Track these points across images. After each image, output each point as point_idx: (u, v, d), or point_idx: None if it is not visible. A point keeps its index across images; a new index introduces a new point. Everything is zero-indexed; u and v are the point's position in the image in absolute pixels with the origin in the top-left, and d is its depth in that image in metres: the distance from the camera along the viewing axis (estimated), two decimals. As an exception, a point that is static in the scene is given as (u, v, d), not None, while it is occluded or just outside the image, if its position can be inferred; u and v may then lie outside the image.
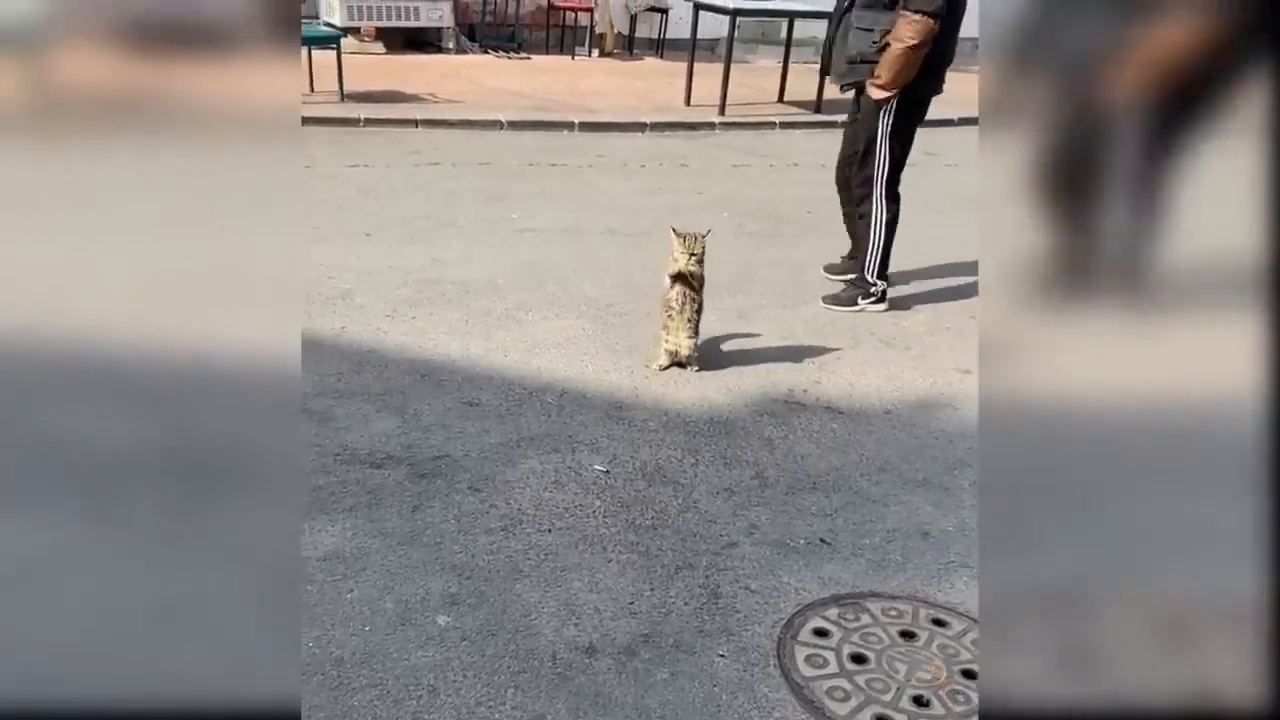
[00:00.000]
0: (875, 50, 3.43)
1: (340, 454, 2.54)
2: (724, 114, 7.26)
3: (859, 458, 2.74)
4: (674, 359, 3.18)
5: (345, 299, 3.55)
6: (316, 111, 6.35)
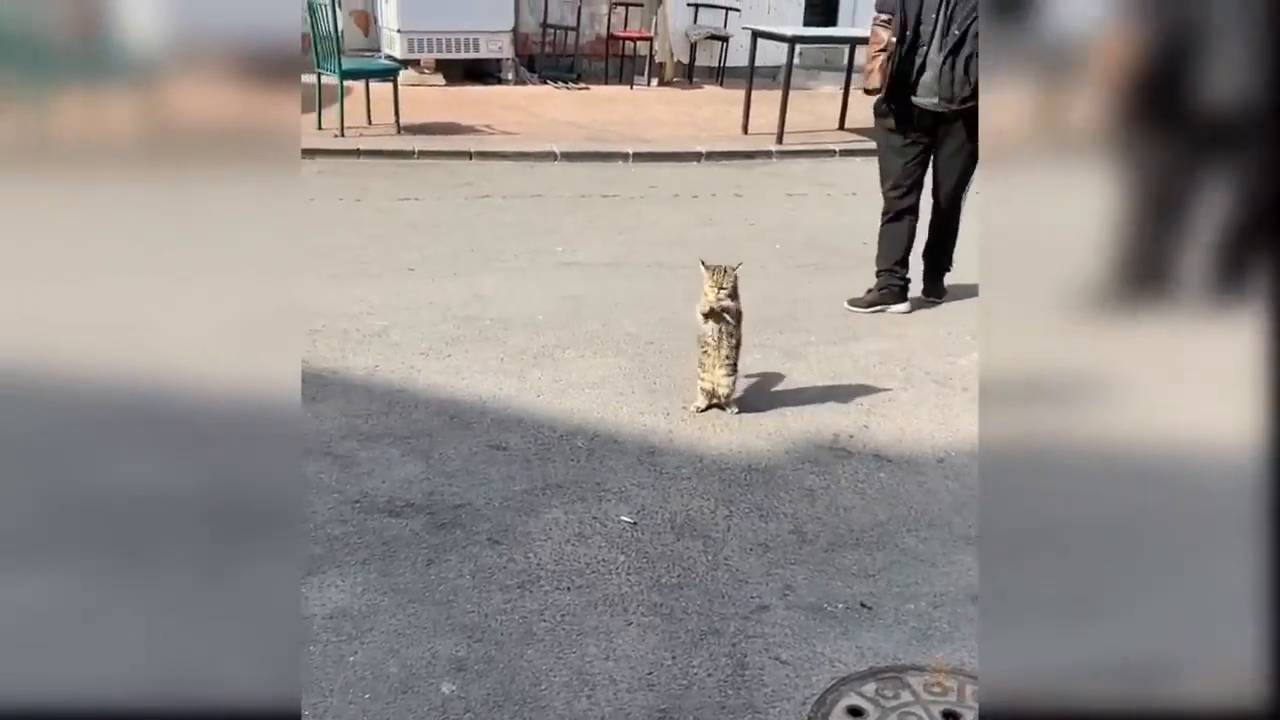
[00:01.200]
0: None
1: (360, 501, 2.46)
2: (781, 142, 7.12)
3: (907, 511, 2.55)
4: (712, 400, 3.05)
5: (381, 336, 3.50)
6: (373, 144, 6.41)
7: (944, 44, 3.66)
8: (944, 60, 3.66)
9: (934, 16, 3.66)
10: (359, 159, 6.21)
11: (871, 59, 3.82)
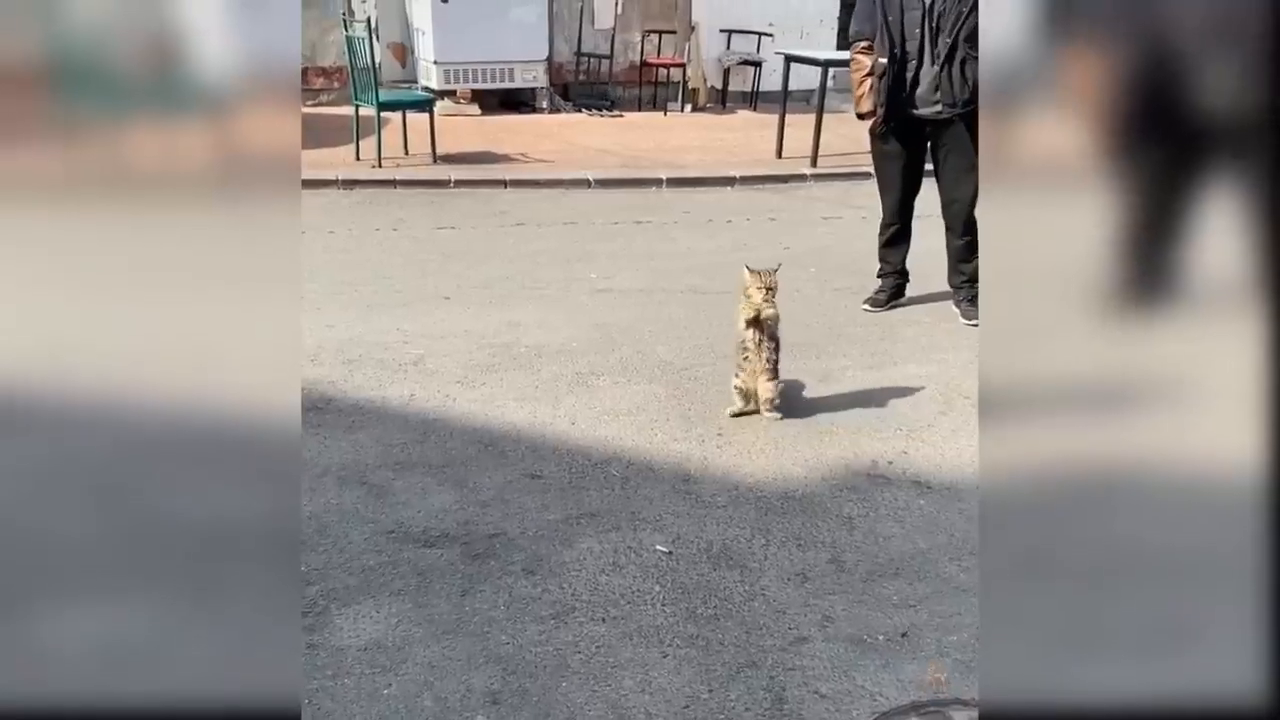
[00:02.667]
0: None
1: (394, 531, 2.46)
2: (816, 165, 7.10)
3: (948, 539, 2.50)
4: (748, 404, 3.14)
5: (418, 364, 3.53)
6: (409, 174, 6.50)
7: (935, 55, 3.81)
8: (940, 69, 3.80)
9: (918, 32, 3.80)
10: (395, 189, 6.30)
11: (859, 85, 4.01)
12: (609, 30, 9.28)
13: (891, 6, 3.82)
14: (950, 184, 4.07)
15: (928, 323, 4.13)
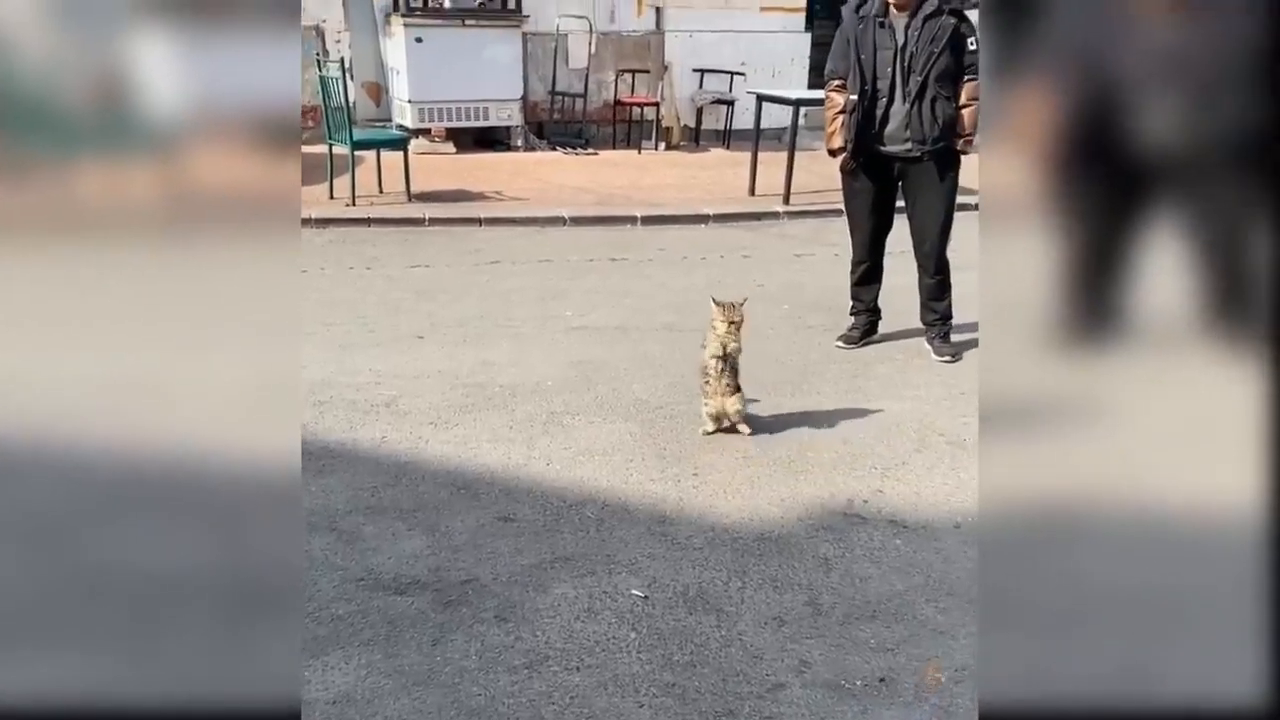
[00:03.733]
0: (955, 114, 3.87)
1: (364, 579, 2.42)
2: (788, 203, 7.17)
3: (924, 580, 2.48)
4: (719, 423, 3.27)
5: (390, 405, 3.49)
6: (383, 213, 6.48)
7: (906, 93, 3.86)
8: (910, 107, 3.86)
9: (890, 71, 3.86)
10: (369, 227, 6.28)
11: (831, 122, 4.06)
12: (583, 69, 9.36)
13: (864, 45, 3.87)
14: (921, 223, 4.11)
15: (901, 360, 4.15)
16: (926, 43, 3.78)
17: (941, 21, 3.77)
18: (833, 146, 4.08)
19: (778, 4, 10.07)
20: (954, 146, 3.94)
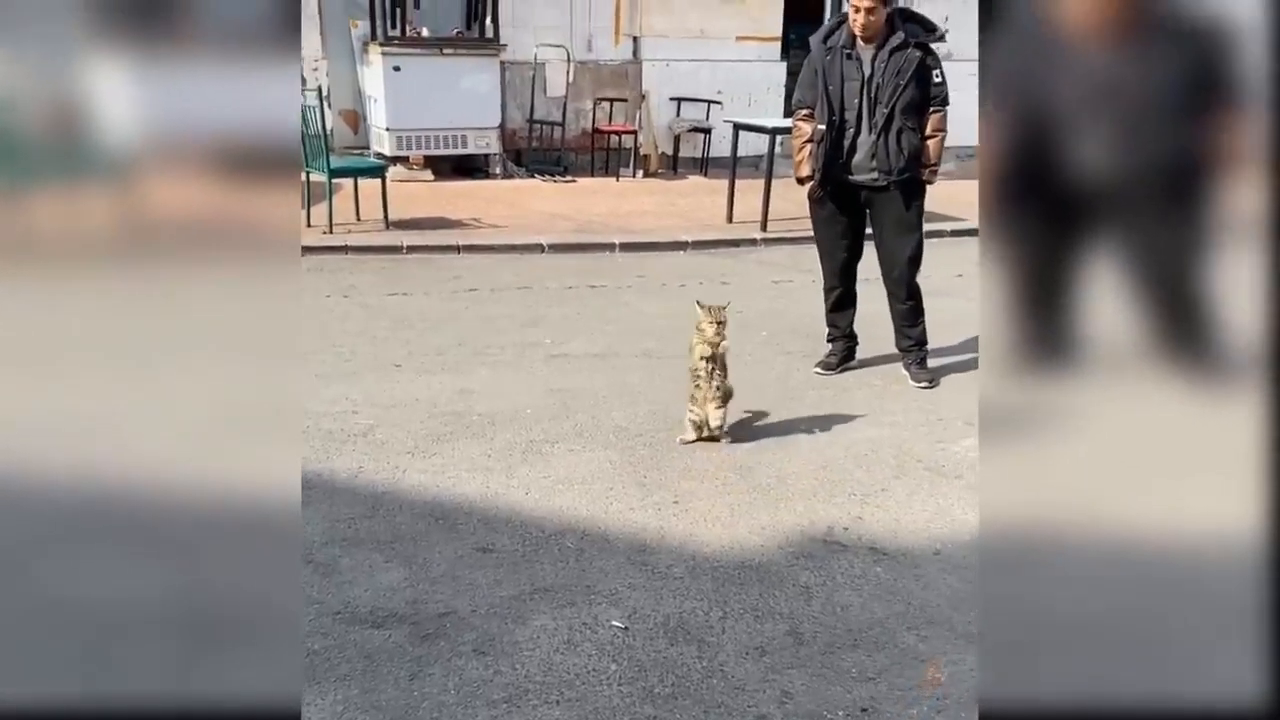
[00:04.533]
0: (920, 144, 3.95)
1: (341, 612, 2.38)
2: (766, 230, 7.22)
3: (905, 608, 2.48)
4: (700, 432, 3.40)
5: (366, 435, 3.46)
6: (361, 240, 6.46)
7: (873, 124, 3.92)
8: (877, 138, 3.91)
9: (857, 102, 3.92)
10: (347, 255, 6.25)
11: (799, 150, 4.12)
12: (561, 98, 9.42)
13: (832, 76, 3.92)
14: (889, 251, 4.17)
15: (879, 385, 4.18)
16: (892, 75, 3.85)
17: (908, 54, 3.84)
18: (801, 175, 4.14)
19: (753, 33, 10.19)
20: (919, 176, 4.01)
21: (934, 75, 3.90)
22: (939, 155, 3.99)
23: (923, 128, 3.94)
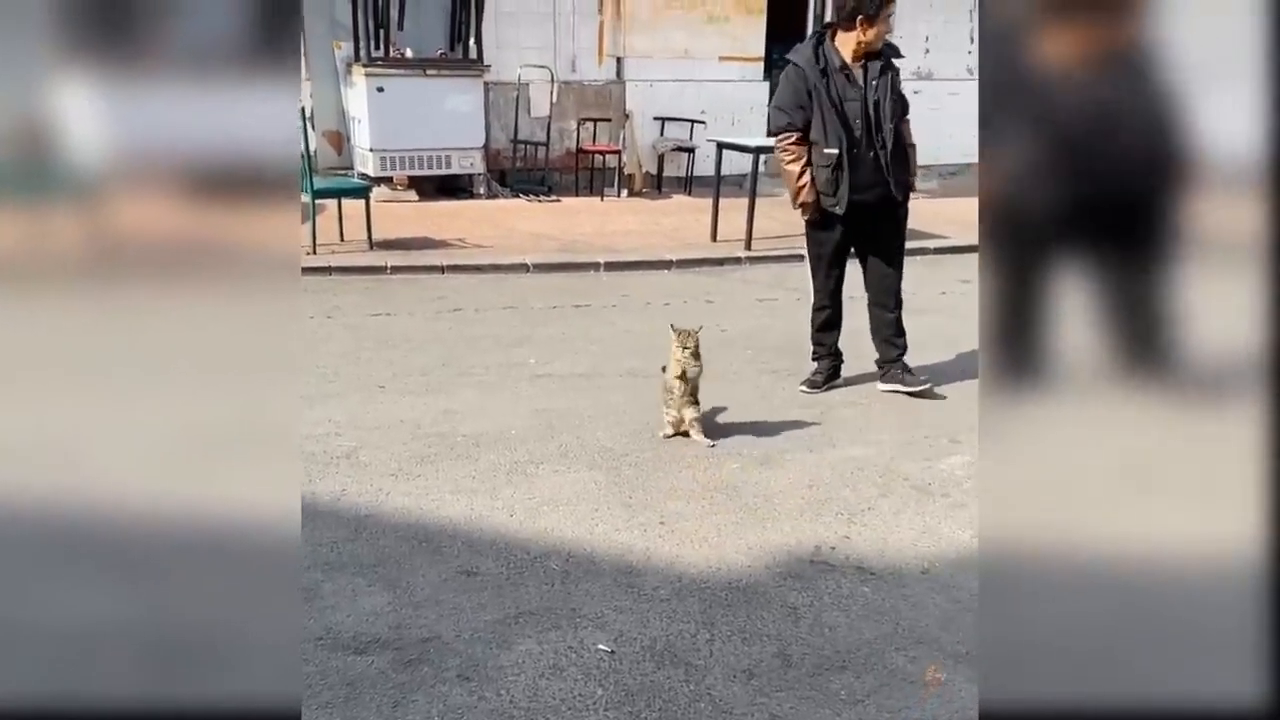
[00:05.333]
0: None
1: (323, 638, 2.34)
2: (750, 248, 7.24)
3: (894, 628, 2.46)
4: (677, 428, 3.64)
5: (350, 457, 3.42)
6: (345, 261, 6.44)
7: (878, 142, 3.94)
8: (889, 157, 3.95)
9: (859, 122, 3.93)
10: (330, 276, 6.22)
11: (799, 177, 4.03)
12: (545, 118, 9.44)
13: (832, 98, 3.89)
14: (881, 263, 4.21)
15: (864, 404, 4.17)
16: (888, 93, 3.90)
17: (894, 72, 3.95)
18: (805, 200, 4.05)
19: (736, 54, 10.27)
20: (913, 188, 4.16)
21: (902, 88, 4.05)
22: (915, 164, 4.16)
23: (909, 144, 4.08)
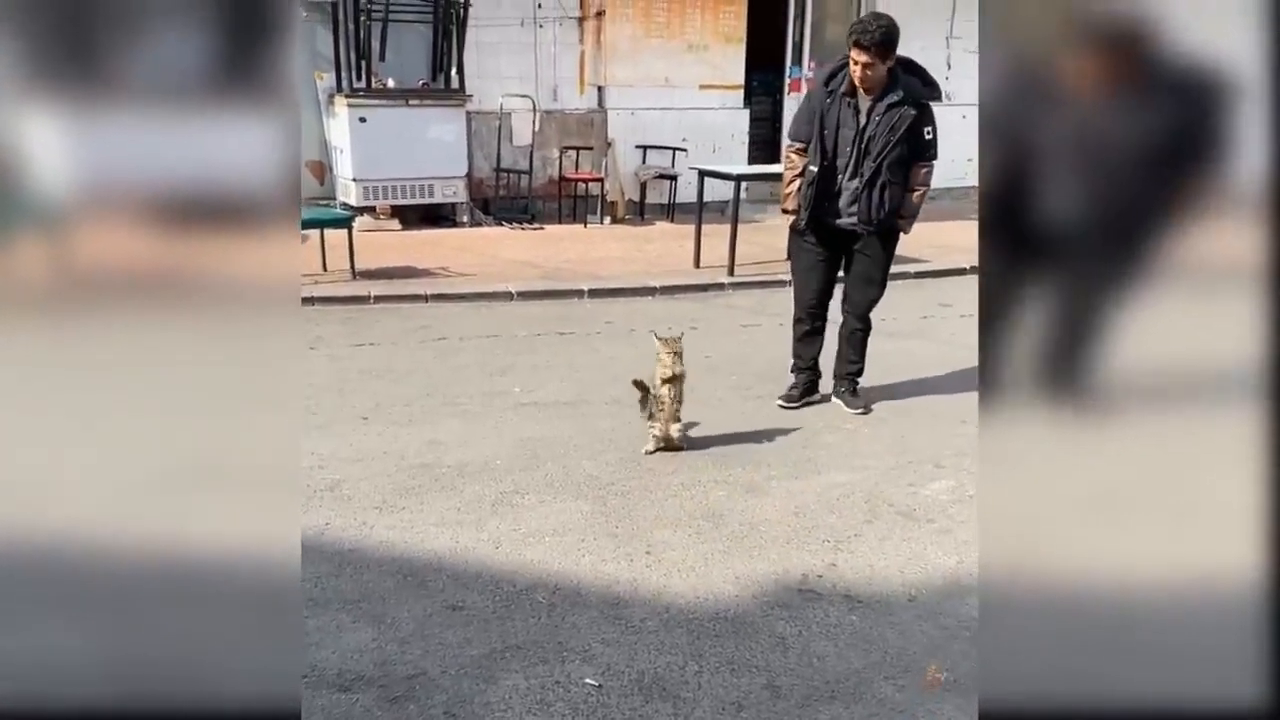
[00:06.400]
0: (902, 197, 4.06)
1: (308, 675, 2.32)
2: (733, 274, 7.27)
3: (882, 657, 2.46)
4: (659, 444, 3.75)
5: (333, 490, 3.40)
6: (327, 291, 6.42)
7: (859, 173, 4.01)
8: (861, 187, 4.00)
9: (849, 150, 4.00)
10: (313, 306, 6.19)
11: (789, 183, 4.21)
12: (528, 147, 9.49)
13: (829, 120, 4.00)
14: (854, 288, 4.33)
15: (849, 429, 4.19)
16: (885, 130, 3.91)
17: (903, 112, 3.89)
18: (787, 206, 4.25)
19: (716, 82, 10.36)
20: (896, 226, 4.14)
21: (925, 132, 3.95)
22: (918, 209, 4.12)
23: (907, 181, 4.04)
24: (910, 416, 4.32)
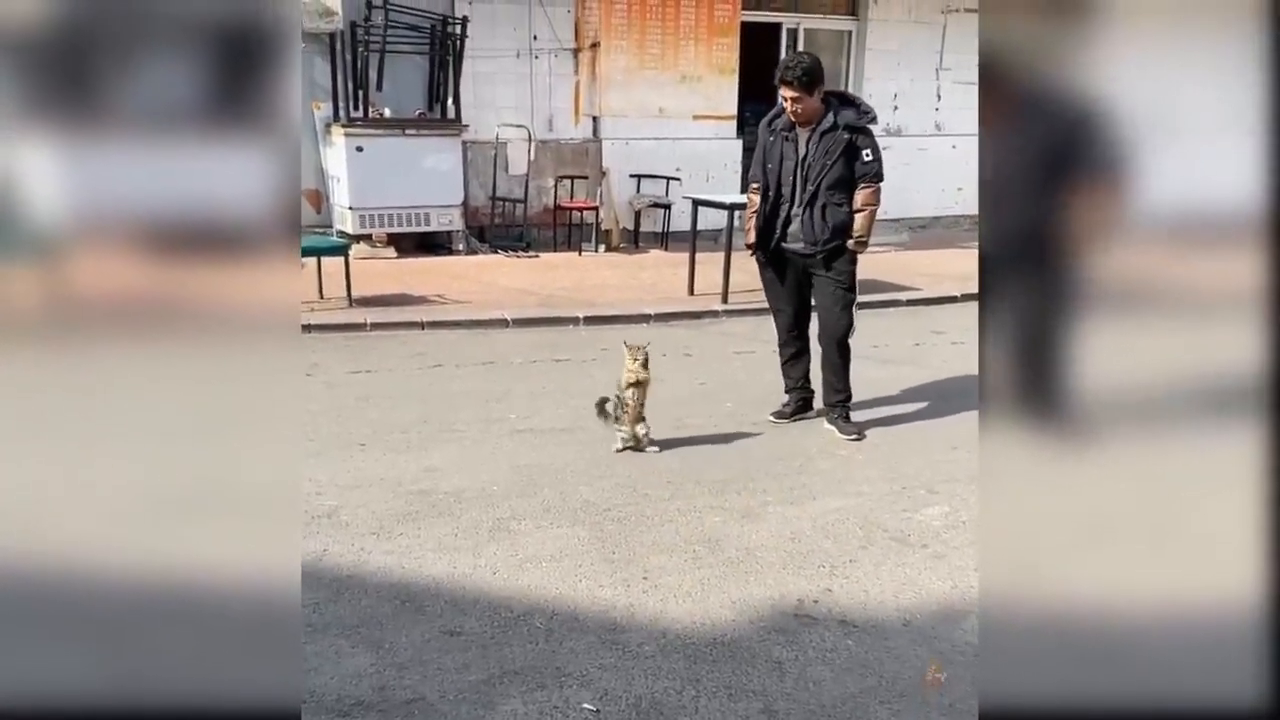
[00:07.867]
0: (847, 218, 4.25)
1: (307, 701, 2.32)
2: (727, 301, 7.33)
3: (878, 681, 2.48)
4: (627, 443, 4.08)
5: (330, 517, 3.41)
6: (324, 319, 6.44)
7: (802, 199, 4.30)
8: (804, 211, 4.29)
9: (791, 179, 4.32)
10: (309, 333, 6.22)
11: (748, 220, 4.55)
12: (523, 175, 9.57)
13: (772, 156, 4.37)
14: (821, 312, 4.50)
15: (843, 455, 4.22)
16: (820, 155, 4.21)
17: (836, 136, 4.19)
18: (749, 241, 4.56)
19: (709, 112, 10.49)
20: (845, 246, 4.30)
21: (864, 154, 4.20)
22: (866, 227, 4.29)
23: (851, 202, 4.24)
24: (903, 442, 4.35)
